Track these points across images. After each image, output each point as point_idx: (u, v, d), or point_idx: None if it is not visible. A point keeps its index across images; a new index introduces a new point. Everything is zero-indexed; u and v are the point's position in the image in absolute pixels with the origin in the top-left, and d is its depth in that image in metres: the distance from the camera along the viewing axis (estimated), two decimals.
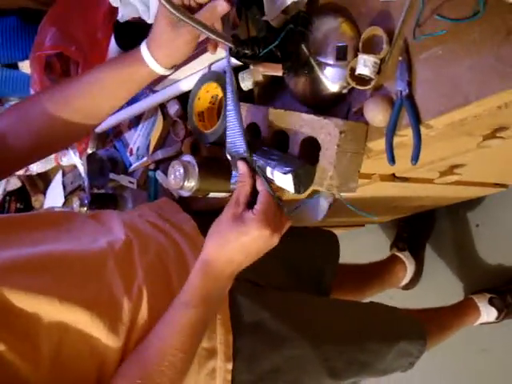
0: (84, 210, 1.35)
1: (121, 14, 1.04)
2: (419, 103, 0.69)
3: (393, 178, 1.05)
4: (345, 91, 0.79)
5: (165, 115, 1.18)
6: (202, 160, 0.96)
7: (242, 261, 0.75)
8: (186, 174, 0.93)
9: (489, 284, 1.66)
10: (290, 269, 1.13)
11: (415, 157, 0.69)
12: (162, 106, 1.18)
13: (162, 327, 0.76)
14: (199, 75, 0.98)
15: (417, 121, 0.69)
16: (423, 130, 0.69)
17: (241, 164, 0.76)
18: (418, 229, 1.84)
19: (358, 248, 1.88)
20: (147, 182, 1.26)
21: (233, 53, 0.78)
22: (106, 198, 1.38)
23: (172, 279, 0.86)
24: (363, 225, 1.92)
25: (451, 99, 0.65)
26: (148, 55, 0.79)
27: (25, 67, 1.42)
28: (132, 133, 1.30)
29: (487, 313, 1.58)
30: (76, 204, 1.37)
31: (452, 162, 1.01)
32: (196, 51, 0.89)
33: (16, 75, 1.45)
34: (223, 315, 0.88)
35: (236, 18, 0.78)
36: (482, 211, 1.72)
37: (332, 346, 1.01)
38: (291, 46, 0.80)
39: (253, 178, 0.75)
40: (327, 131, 0.72)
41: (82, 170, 1.45)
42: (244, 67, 0.91)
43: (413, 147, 0.69)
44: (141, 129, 1.26)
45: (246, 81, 0.92)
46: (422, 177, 1.10)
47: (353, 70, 0.75)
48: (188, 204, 1.11)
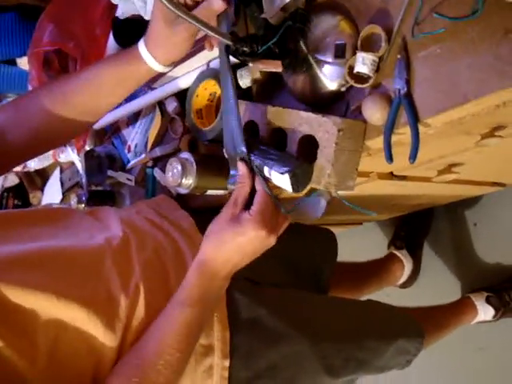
0: (82, 207, 1.35)
1: (121, 12, 1.04)
2: (417, 101, 0.69)
3: (391, 177, 1.05)
4: (343, 89, 0.78)
5: (163, 112, 1.18)
6: (200, 157, 0.96)
7: (239, 261, 0.75)
8: (184, 172, 0.93)
9: (486, 283, 1.66)
10: (289, 266, 1.13)
11: (413, 155, 0.69)
12: (160, 103, 1.18)
13: (159, 326, 0.76)
14: (197, 72, 0.98)
15: (415, 119, 0.69)
16: (421, 129, 0.69)
17: (240, 164, 0.76)
18: (416, 227, 1.84)
19: (356, 246, 1.88)
20: (145, 179, 1.26)
21: (231, 50, 0.77)
22: (104, 195, 1.38)
23: (169, 276, 0.86)
24: (361, 223, 1.92)
25: (450, 98, 0.65)
26: (146, 52, 0.79)
27: (23, 63, 1.42)
28: (130, 130, 1.30)
29: (484, 311, 1.58)
30: (74, 201, 1.37)
31: (450, 161, 1.01)
32: (194, 48, 0.89)
33: (14, 71, 1.45)
34: (220, 312, 0.88)
35: (233, 16, 0.78)
36: (480, 210, 1.72)
37: (330, 344, 1.01)
38: (290, 44, 0.80)
39: (252, 179, 0.75)
40: (325, 129, 0.72)
41: (80, 167, 1.45)
42: (242, 65, 0.90)
43: (411, 146, 0.69)
44: (139, 126, 1.26)
45: (245, 78, 0.91)
46: (420, 175, 1.09)
47: (351, 68, 0.75)
48: (186, 201, 1.10)
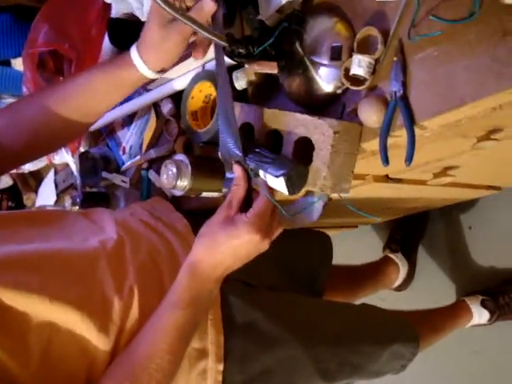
0: (76, 209, 1.34)
1: (114, 11, 1.03)
2: (414, 104, 0.69)
3: (386, 179, 1.05)
4: (339, 91, 0.78)
5: (158, 114, 1.17)
6: (195, 159, 0.95)
7: (231, 264, 0.75)
8: (179, 174, 0.92)
9: (481, 286, 1.66)
10: (284, 269, 1.13)
11: (409, 158, 0.69)
12: (156, 105, 1.17)
13: (150, 329, 0.75)
14: (193, 74, 0.98)
15: (411, 122, 0.68)
16: (417, 131, 0.69)
17: (236, 167, 0.75)
18: (411, 230, 1.84)
19: (351, 249, 1.87)
20: (140, 181, 1.25)
21: (227, 52, 0.77)
22: (99, 197, 1.37)
23: (164, 278, 0.86)
24: (356, 226, 1.92)
25: (446, 100, 0.65)
26: (138, 58, 0.79)
27: (17, 64, 1.41)
28: (125, 131, 1.29)
29: (479, 315, 1.58)
30: (68, 203, 1.36)
31: (446, 164, 1.01)
32: (189, 50, 0.89)
33: (9, 72, 1.44)
34: (215, 315, 0.87)
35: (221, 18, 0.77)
36: (475, 213, 1.72)
37: (324, 348, 1.01)
38: (286, 46, 0.79)
39: (247, 182, 0.75)
40: (321, 131, 0.72)
41: (75, 169, 1.44)
42: (238, 66, 0.90)
43: (407, 148, 0.68)
44: (134, 127, 1.26)
45: (240, 80, 0.91)
46: (416, 178, 1.09)
47: (347, 70, 0.74)
48: (180, 203, 1.10)
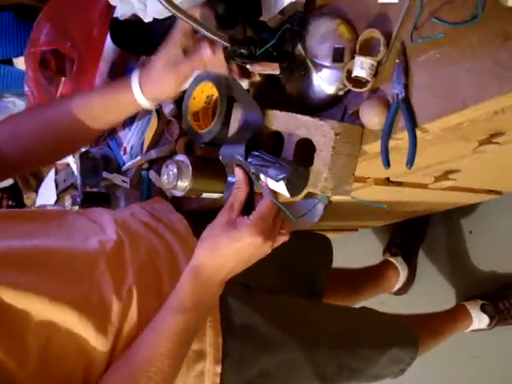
0: (76, 209, 1.34)
1: (120, 13, 1.03)
2: (415, 106, 0.69)
3: (387, 183, 1.05)
4: (341, 93, 0.78)
5: (159, 114, 1.17)
6: (196, 160, 0.95)
7: (234, 267, 0.75)
8: (180, 174, 0.92)
9: (481, 291, 1.66)
10: (284, 271, 1.12)
11: (410, 160, 0.68)
12: (157, 105, 1.17)
13: (151, 332, 0.75)
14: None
15: (413, 124, 0.68)
16: (419, 134, 0.69)
17: (237, 170, 0.76)
18: (412, 234, 1.83)
19: (351, 252, 1.87)
20: (140, 182, 1.25)
21: (229, 52, 0.77)
22: (99, 197, 1.37)
23: (163, 279, 0.86)
24: (357, 229, 1.92)
25: (448, 103, 0.65)
26: (137, 87, 0.83)
27: (19, 63, 1.42)
28: (126, 131, 1.29)
29: (479, 319, 1.58)
30: (68, 202, 1.36)
31: (447, 167, 1.01)
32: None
33: (11, 71, 1.44)
34: (213, 317, 0.87)
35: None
36: (476, 218, 1.72)
37: (323, 351, 1.00)
38: (288, 47, 0.79)
39: (249, 185, 0.75)
40: (322, 133, 0.72)
41: (75, 169, 1.44)
42: (241, 66, 0.90)
43: (408, 151, 0.68)
44: (135, 127, 1.25)
45: (242, 81, 0.91)
46: (417, 181, 1.09)
47: (349, 72, 0.74)
48: (181, 204, 1.10)
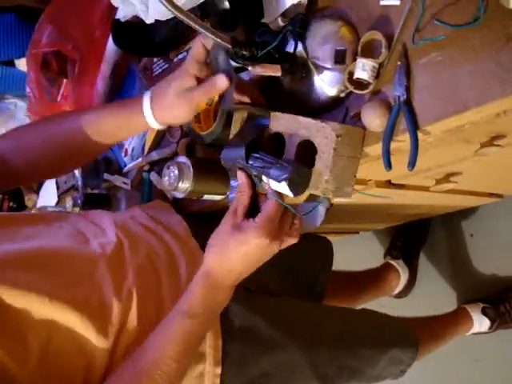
0: (77, 210, 1.34)
1: (122, 14, 1.03)
2: (417, 108, 0.69)
3: (388, 185, 1.05)
4: (342, 95, 0.78)
5: None
6: (197, 161, 0.95)
7: (243, 270, 0.75)
8: (181, 175, 0.92)
9: (482, 294, 1.65)
10: (284, 274, 1.12)
11: (412, 163, 0.68)
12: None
13: (158, 335, 0.75)
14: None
15: (414, 126, 0.68)
16: (420, 136, 0.69)
17: (240, 173, 0.76)
18: (413, 237, 1.83)
19: (352, 255, 1.87)
20: (141, 183, 1.25)
21: (231, 54, 0.77)
22: (100, 199, 1.37)
23: (162, 281, 0.86)
24: (357, 232, 1.92)
25: (450, 105, 0.64)
26: (149, 111, 0.83)
27: (21, 65, 1.42)
28: None
29: (480, 322, 1.57)
30: (69, 204, 1.36)
31: (448, 170, 1.01)
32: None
33: (12, 72, 1.44)
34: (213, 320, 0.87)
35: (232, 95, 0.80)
36: (477, 221, 1.72)
37: (323, 352, 1.00)
38: (289, 49, 0.79)
39: (251, 188, 0.75)
40: (324, 135, 0.72)
41: (76, 170, 1.44)
42: (241, 69, 0.90)
43: (410, 153, 0.68)
44: None
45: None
46: (418, 184, 1.09)
47: (351, 74, 0.74)
48: (182, 206, 1.10)
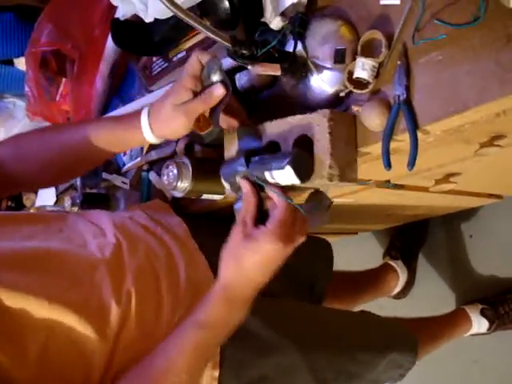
0: (75, 210, 1.34)
1: (121, 14, 1.03)
2: (417, 108, 0.68)
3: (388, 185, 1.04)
4: (342, 94, 0.78)
5: None
6: (196, 161, 0.95)
7: (261, 278, 0.74)
8: (180, 175, 0.92)
9: (481, 295, 1.65)
10: (285, 275, 1.11)
11: (412, 162, 0.68)
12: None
13: (170, 345, 0.74)
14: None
15: (414, 126, 0.68)
16: (420, 136, 0.68)
17: (244, 182, 0.75)
18: (412, 238, 1.83)
19: (351, 256, 1.87)
20: (140, 183, 1.24)
21: (230, 53, 0.77)
22: (98, 198, 1.37)
23: (161, 283, 0.85)
24: (356, 232, 1.92)
25: (449, 105, 0.64)
26: (146, 125, 0.83)
27: (20, 64, 1.41)
28: None
29: (479, 324, 1.57)
30: (67, 203, 1.35)
31: (448, 170, 1.01)
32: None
33: (11, 71, 1.44)
34: None
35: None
36: (476, 222, 1.72)
37: (322, 356, 1.00)
38: (289, 48, 0.79)
39: (257, 195, 0.74)
40: (316, 123, 0.72)
41: None
42: (241, 68, 0.90)
43: (409, 152, 0.68)
44: None
45: (243, 81, 0.91)
46: (418, 184, 1.09)
47: (351, 74, 0.74)
48: (181, 205, 1.10)
